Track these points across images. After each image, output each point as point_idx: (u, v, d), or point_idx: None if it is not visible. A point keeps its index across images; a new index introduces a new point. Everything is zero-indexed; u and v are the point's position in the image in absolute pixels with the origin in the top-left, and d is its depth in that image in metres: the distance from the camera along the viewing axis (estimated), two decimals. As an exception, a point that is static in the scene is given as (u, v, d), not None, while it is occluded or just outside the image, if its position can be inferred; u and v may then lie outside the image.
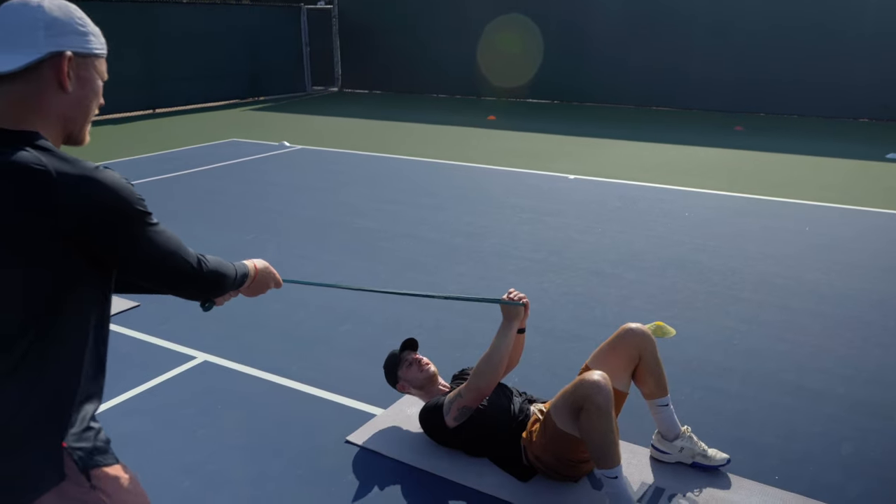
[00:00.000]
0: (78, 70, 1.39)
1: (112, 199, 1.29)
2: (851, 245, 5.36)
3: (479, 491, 2.58)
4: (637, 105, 14.29)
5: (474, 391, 2.63)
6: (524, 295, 2.69)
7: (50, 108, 1.37)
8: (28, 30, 1.32)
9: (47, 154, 1.29)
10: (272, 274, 1.88)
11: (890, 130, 11.19)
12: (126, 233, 1.32)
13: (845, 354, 3.60)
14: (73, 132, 1.44)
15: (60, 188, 1.24)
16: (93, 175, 1.28)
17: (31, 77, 1.34)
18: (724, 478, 2.62)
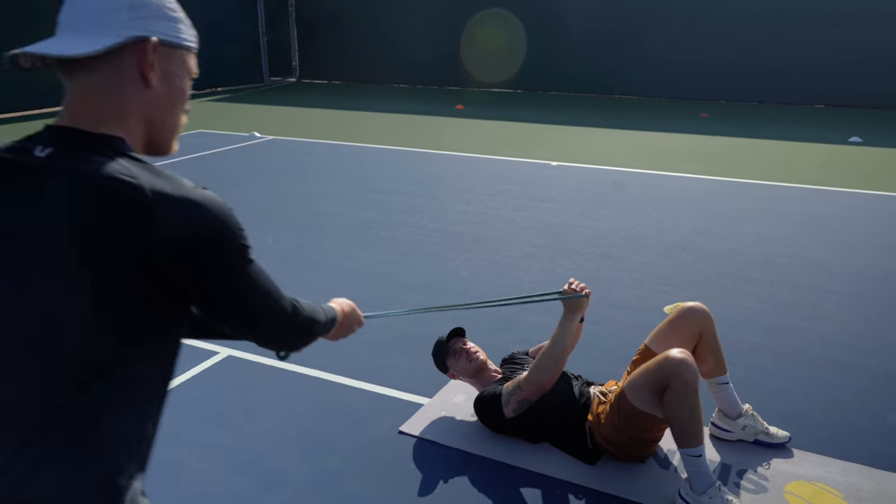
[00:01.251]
0: (164, 62, 1.16)
1: (213, 227, 1.06)
2: (841, 225, 5.51)
3: (546, 475, 2.54)
4: (600, 93, 14.43)
5: (535, 385, 2.56)
6: (585, 285, 2.62)
7: (131, 107, 1.13)
8: (108, 9, 1.10)
9: (139, 166, 1.07)
10: (357, 316, 1.69)
11: (845, 116, 11.57)
12: (222, 269, 1.09)
13: (865, 329, 3.69)
14: (157, 139, 1.20)
15: (155, 210, 1.02)
16: (193, 197, 1.06)
17: (110, 66, 1.10)
18: (786, 451, 2.65)
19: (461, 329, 2.89)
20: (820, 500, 2.39)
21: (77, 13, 1.11)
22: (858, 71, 12.19)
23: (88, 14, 1.10)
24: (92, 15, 1.10)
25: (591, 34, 14.09)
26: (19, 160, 1.07)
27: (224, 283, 1.10)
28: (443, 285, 4.28)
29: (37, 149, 1.08)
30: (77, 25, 1.10)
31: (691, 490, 2.29)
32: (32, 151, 1.07)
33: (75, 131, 1.09)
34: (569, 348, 2.57)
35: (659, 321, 3.75)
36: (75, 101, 1.12)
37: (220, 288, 1.10)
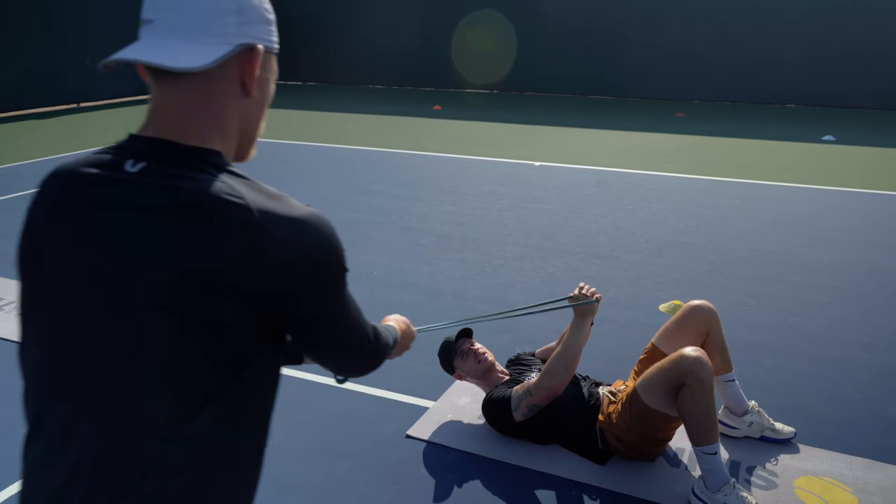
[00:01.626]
0: (262, 69, 1.08)
1: (320, 249, 0.99)
2: (822, 221, 5.60)
3: (557, 476, 2.54)
4: (576, 94, 14.51)
5: (546, 390, 2.54)
6: (595, 289, 2.59)
7: (230, 118, 1.06)
8: (217, 14, 1.00)
9: (242, 183, 0.99)
10: (412, 332, 1.65)
11: (818, 115, 11.79)
12: (324, 296, 1.02)
13: (858, 324, 3.75)
14: (244, 148, 1.13)
15: (263, 231, 0.94)
16: (301, 216, 0.98)
17: (213, 76, 1.02)
18: (792, 447, 2.67)
19: (469, 330, 2.87)
20: (830, 495, 2.41)
21: (180, 15, 1.00)
22: (828, 71, 12.43)
23: (195, 18, 1.00)
24: (199, 19, 1.00)
25: (567, 36, 14.17)
26: (110, 177, 0.98)
27: (320, 307, 1.03)
28: (437, 287, 4.26)
29: (127, 163, 0.99)
30: (182, 29, 1.00)
31: (706, 488, 2.30)
32: (123, 166, 0.99)
33: (168, 143, 1.00)
34: (579, 354, 2.54)
35: (655, 319, 3.79)
36: (169, 110, 1.02)
37: (316, 311, 1.03)
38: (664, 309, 3.96)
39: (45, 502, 0.95)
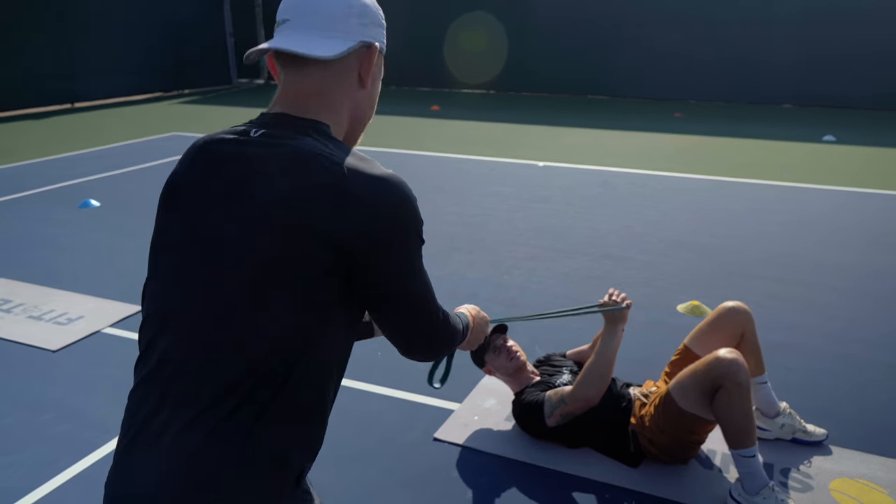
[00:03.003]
0: (374, 66, 1.26)
1: (404, 212, 1.12)
2: (828, 222, 5.60)
3: (589, 479, 2.51)
4: (574, 94, 14.51)
5: (581, 401, 2.50)
6: (626, 295, 2.56)
7: (344, 104, 1.23)
8: (342, 14, 1.19)
9: (338, 146, 1.14)
10: (484, 319, 1.70)
11: (816, 115, 11.83)
12: (397, 258, 1.12)
13: (875, 324, 3.74)
14: (355, 134, 1.29)
15: (350, 184, 1.07)
16: (388, 177, 1.12)
17: (336, 67, 1.19)
18: (825, 449, 2.65)
19: (504, 325, 2.81)
20: (866, 497, 2.39)
21: (314, 15, 1.19)
22: (825, 71, 12.48)
23: (325, 17, 1.18)
24: (329, 18, 1.18)
25: (564, 36, 14.16)
26: (237, 139, 1.16)
27: (391, 268, 1.12)
28: (452, 288, 4.22)
29: (252, 131, 1.16)
30: (314, 26, 1.18)
31: (744, 490, 2.28)
32: (249, 133, 1.16)
33: (286, 116, 1.18)
34: (613, 362, 2.49)
35: (674, 320, 3.77)
36: (293, 93, 1.20)
37: (388, 270, 1.12)
38: (683, 309, 3.94)
39: (141, 417, 1.08)
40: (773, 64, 12.81)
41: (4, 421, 2.87)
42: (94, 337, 3.61)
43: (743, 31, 12.88)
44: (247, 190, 1.09)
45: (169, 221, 1.17)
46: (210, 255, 1.09)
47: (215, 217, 1.11)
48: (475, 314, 1.66)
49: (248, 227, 1.07)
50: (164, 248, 1.17)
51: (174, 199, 1.18)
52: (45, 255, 4.79)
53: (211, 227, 1.10)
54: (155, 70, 14.43)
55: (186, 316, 1.09)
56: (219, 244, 1.09)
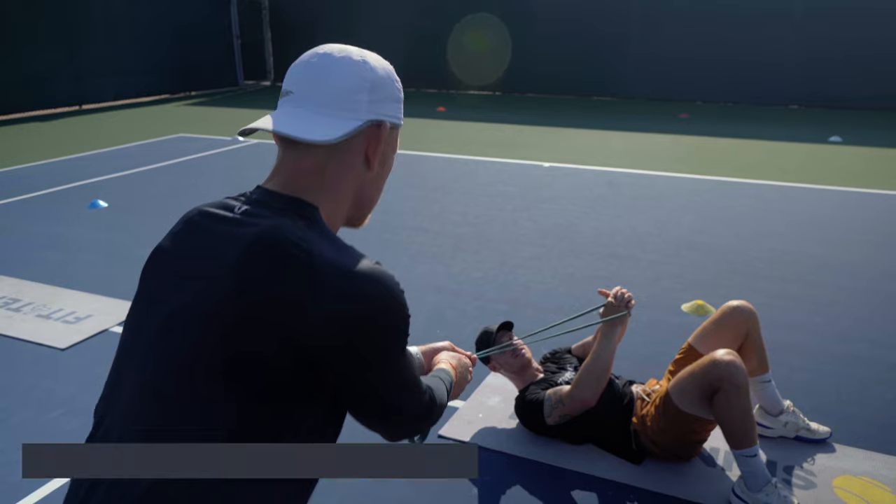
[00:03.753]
0: (385, 144, 1.15)
1: (378, 314, 0.99)
2: (836, 222, 5.60)
3: (594, 476, 2.52)
4: (579, 95, 14.51)
5: (578, 402, 2.49)
6: (631, 294, 2.53)
7: (346, 186, 1.12)
8: (351, 90, 1.08)
9: (317, 232, 1.03)
10: (465, 366, 1.57)
11: (823, 116, 11.81)
12: (372, 355, 1.01)
13: (882, 324, 3.74)
14: (359, 214, 1.20)
15: (318, 277, 0.96)
16: (366, 272, 1.00)
17: (337, 148, 1.09)
18: (828, 446, 2.66)
19: (511, 323, 2.81)
20: (870, 495, 2.40)
21: (318, 90, 1.08)
22: (832, 73, 12.45)
23: (331, 93, 1.08)
24: (335, 95, 1.08)
25: (569, 37, 14.17)
26: (218, 215, 1.09)
27: (370, 371, 1.02)
28: (457, 287, 4.24)
29: (237, 206, 1.10)
30: (318, 102, 1.08)
31: (746, 488, 2.28)
32: (234, 209, 1.10)
33: (272, 193, 1.09)
34: (610, 364, 2.48)
35: (678, 319, 3.78)
36: (290, 169, 1.10)
37: (365, 374, 1.01)
38: (687, 309, 3.95)
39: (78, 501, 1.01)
40: (779, 65, 12.79)
41: (13, 418, 2.90)
42: (103, 335, 3.64)
43: (749, 32, 12.86)
44: (203, 274, 1.02)
45: (138, 293, 1.12)
46: (157, 342, 1.02)
47: (171, 300, 1.04)
48: (456, 364, 1.53)
49: (195, 316, 0.99)
50: (127, 322, 1.12)
51: (148, 271, 1.13)
52: (53, 255, 4.83)
53: (165, 310, 1.04)
54: (162, 72, 14.50)
55: (127, 405, 1.01)
56: (167, 331, 1.02)
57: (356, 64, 1.09)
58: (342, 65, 1.08)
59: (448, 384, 1.39)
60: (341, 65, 1.08)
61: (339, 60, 1.09)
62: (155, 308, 1.05)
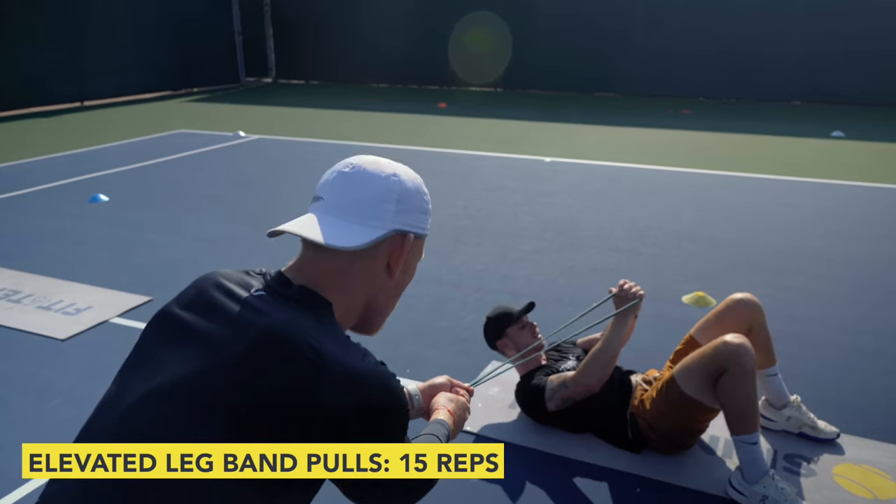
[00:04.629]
0: (409, 254, 1.18)
1: (383, 412, 1.03)
2: (836, 215, 5.58)
3: (592, 464, 2.51)
4: (581, 92, 14.49)
5: (583, 387, 2.49)
6: (637, 285, 2.51)
7: (362, 290, 1.15)
8: (379, 200, 1.12)
9: (327, 330, 1.04)
10: (464, 407, 1.57)
11: (825, 111, 11.78)
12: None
13: (885, 316, 3.72)
14: (374, 321, 1.22)
15: (324, 375, 0.98)
16: (367, 374, 1.02)
17: (363, 254, 1.11)
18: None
19: (533, 304, 2.80)
20: (870, 482, 2.39)
21: (348, 197, 1.12)
22: (835, 69, 12.41)
23: (358, 202, 1.11)
24: (363, 203, 1.11)
25: (570, 33, 14.14)
26: (235, 294, 1.10)
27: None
28: (459, 280, 4.23)
29: (254, 288, 1.11)
30: (346, 210, 1.11)
31: (743, 479, 2.27)
32: (251, 289, 1.10)
33: (293, 284, 1.11)
34: (618, 352, 2.48)
35: (679, 311, 3.77)
36: (311, 268, 1.12)
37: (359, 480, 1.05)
38: (688, 301, 3.94)
39: None
40: (781, 61, 12.75)
41: (12, 406, 2.90)
42: (103, 326, 3.64)
43: (751, 29, 12.83)
44: (207, 353, 1.02)
45: (136, 349, 1.11)
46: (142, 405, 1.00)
47: (169, 369, 1.03)
48: (454, 408, 1.53)
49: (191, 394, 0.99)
50: (117, 376, 1.10)
51: (151, 330, 1.12)
52: (54, 248, 4.83)
53: (158, 377, 1.02)
54: (163, 69, 14.50)
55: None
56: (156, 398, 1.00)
57: (387, 176, 1.13)
58: (373, 176, 1.12)
59: (445, 440, 1.40)
60: (372, 176, 1.12)
61: (370, 172, 1.13)
62: (149, 371, 1.04)
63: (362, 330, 1.22)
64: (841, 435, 2.64)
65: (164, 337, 1.09)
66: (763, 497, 2.21)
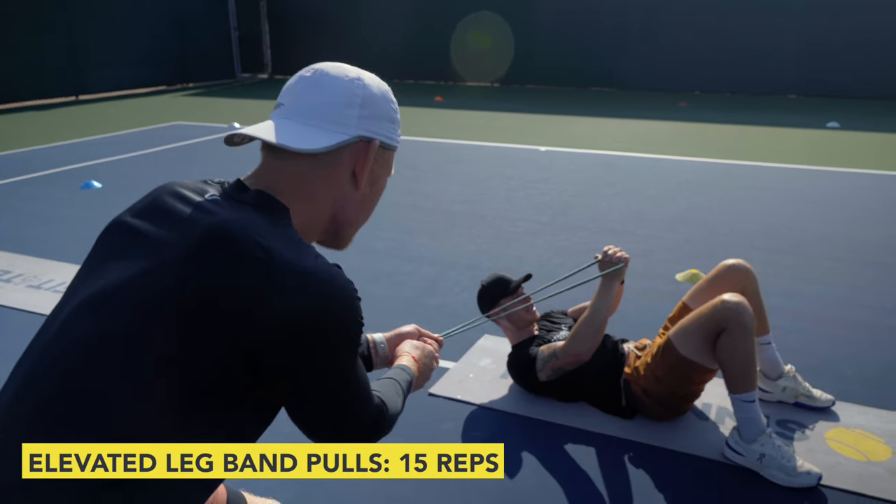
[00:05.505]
0: (375, 163, 1.14)
1: (328, 317, 0.96)
2: (833, 200, 5.57)
3: (584, 430, 2.49)
4: (578, 86, 14.48)
5: (573, 356, 2.46)
6: (619, 248, 2.49)
7: (324, 199, 1.10)
8: (342, 104, 1.08)
9: (280, 232, 1.00)
10: (430, 355, 1.51)
11: (820, 104, 11.78)
12: (324, 364, 0.98)
13: (879, 291, 3.71)
14: (342, 234, 1.17)
15: (273, 275, 0.93)
16: (325, 275, 0.97)
17: (324, 160, 1.07)
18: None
19: (530, 275, 2.77)
20: (863, 445, 2.38)
21: (309, 101, 1.08)
22: (829, 61, 12.41)
23: (320, 106, 1.07)
24: (325, 107, 1.07)
25: (568, 28, 14.13)
26: (188, 198, 1.06)
27: (316, 375, 0.99)
28: (452, 259, 4.21)
29: (208, 192, 1.09)
30: (308, 114, 1.07)
31: (740, 438, 2.25)
32: (205, 194, 1.08)
33: (249, 189, 1.08)
34: (607, 318, 2.45)
35: (671, 288, 3.76)
36: (269, 174, 1.09)
37: (311, 378, 0.98)
38: (681, 278, 3.92)
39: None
40: (777, 55, 12.75)
41: (2, 379, 2.87)
42: (93, 303, 3.61)
43: (746, 22, 12.82)
44: (152, 254, 0.98)
45: (85, 260, 1.08)
46: (80, 316, 0.97)
47: (112, 274, 0.99)
48: (419, 355, 1.46)
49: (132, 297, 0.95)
50: (72, 281, 1.07)
51: (101, 239, 1.09)
52: (46, 231, 4.80)
53: (100, 283, 0.99)
54: (159, 63, 14.47)
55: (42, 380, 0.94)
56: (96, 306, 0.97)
57: (350, 80, 1.09)
58: (335, 80, 1.08)
59: (406, 385, 1.33)
60: (334, 80, 1.08)
61: (332, 76, 1.09)
62: (93, 279, 1.01)
63: (331, 243, 1.18)
64: (836, 402, 2.63)
65: (113, 245, 1.05)
66: (761, 455, 2.19)
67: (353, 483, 2.23)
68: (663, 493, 2.17)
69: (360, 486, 2.21)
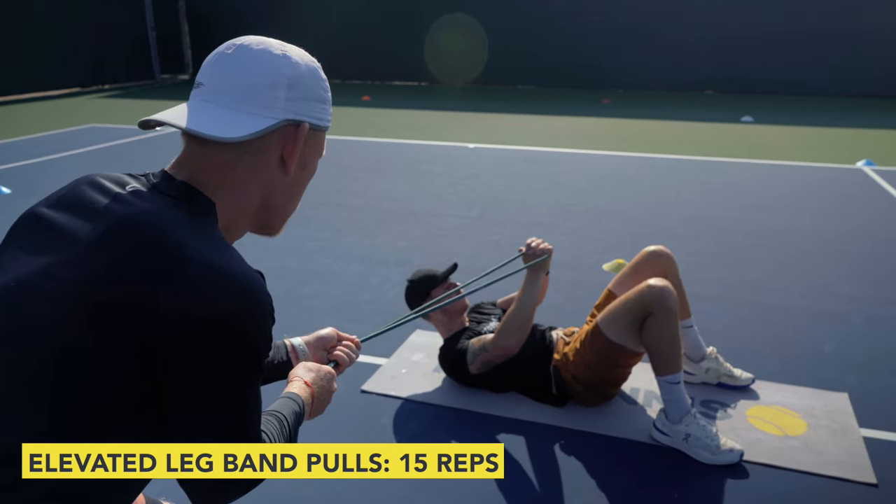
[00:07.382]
0: (306, 147, 1.06)
1: (239, 319, 0.89)
2: (749, 190, 5.80)
3: (517, 419, 2.51)
4: (503, 84, 14.63)
5: (501, 349, 2.47)
6: (542, 240, 2.52)
7: (252, 187, 1.02)
8: (267, 86, 0.99)
9: (195, 225, 0.94)
10: (327, 377, 1.31)
11: (734, 100, 12.27)
12: (217, 371, 0.90)
13: (794, 274, 3.88)
14: (273, 221, 1.09)
15: (185, 274, 0.87)
16: (239, 276, 0.90)
17: (251, 147, 0.99)
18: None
19: (455, 264, 2.77)
20: (781, 421, 2.48)
21: (231, 82, 0.99)
22: (744, 58, 12.94)
23: (243, 87, 0.98)
24: (248, 89, 0.98)
25: (494, 27, 14.26)
26: (107, 189, 0.99)
27: (205, 382, 0.90)
28: (382, 256, 4.19)
29: (129, 184, 1.00)
30: (230, 96, 0.99)
31: (667, 419, 2.32)
32: (126, 185, 1.00)
33: (173, 180, 1.00)
34: (534, 310, 2.47)
35: (598, 278, 3.84)
36: (192, 164, 1.01)
37: (199, 385, 0.90)
38: (608, 268, 3.98)
39: None
40: (695, 53, 13.21)
41: None
42: None
43: (666, 22, 13.23)
44: (59, 246, 0.93)
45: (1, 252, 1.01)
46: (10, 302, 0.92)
47: (17, 268, 0.94)
48: (312, 380, 1.28)
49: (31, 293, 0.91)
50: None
51: (10, 231, 1.03)
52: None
53: (4, 278, 0.94)
54: (73, 64, 13.87)
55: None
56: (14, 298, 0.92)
57: (275, 58, 1.00)
58: (259, 58, 0.99)
59: (293, 419, 1.18)
60: (258, 58, 0.99)
61: (256, 53, 1.00)
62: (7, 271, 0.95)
63: (262, 231, 1.12)
64: (755, 381, 2.73)
65: (24, 237, 1.00)
66: (686, 435, 2.26)
67: (350, 483, 2.18)
68: (595, 477, 2.20)
69: (359, 485, 2.17)
